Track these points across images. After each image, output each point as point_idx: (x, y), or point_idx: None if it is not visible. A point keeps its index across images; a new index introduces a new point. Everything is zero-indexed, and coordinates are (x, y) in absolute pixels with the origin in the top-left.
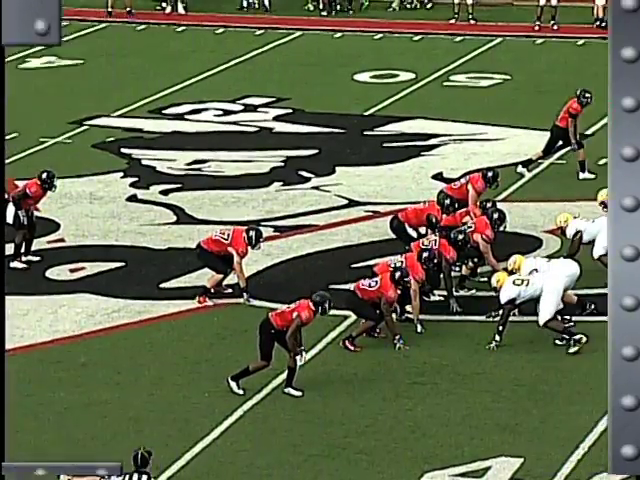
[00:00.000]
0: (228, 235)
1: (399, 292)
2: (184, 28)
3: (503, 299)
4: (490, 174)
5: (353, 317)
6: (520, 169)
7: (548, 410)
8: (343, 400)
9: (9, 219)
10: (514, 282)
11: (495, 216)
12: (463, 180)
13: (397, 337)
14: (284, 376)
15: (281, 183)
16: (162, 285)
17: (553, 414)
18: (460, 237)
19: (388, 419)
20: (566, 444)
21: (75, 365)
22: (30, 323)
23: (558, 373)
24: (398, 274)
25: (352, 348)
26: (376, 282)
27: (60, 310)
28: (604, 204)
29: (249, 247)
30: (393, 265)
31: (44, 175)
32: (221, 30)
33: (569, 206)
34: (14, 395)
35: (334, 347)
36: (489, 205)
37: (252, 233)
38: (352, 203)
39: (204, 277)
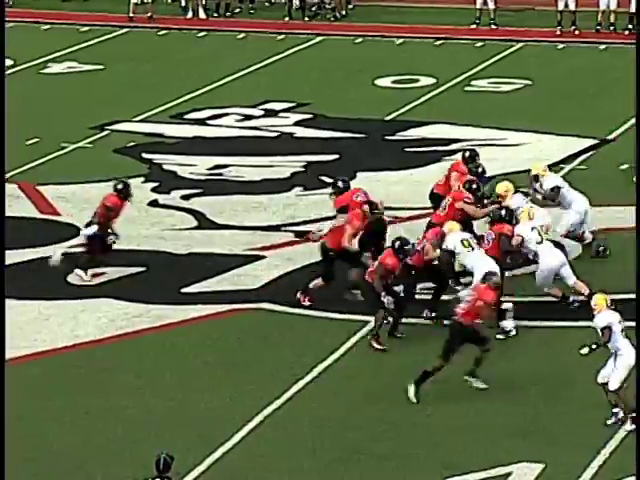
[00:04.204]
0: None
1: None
2: (205, 33)
3: (600, 324)
4: (467, 153)
5: (373, 322)
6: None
7: (569, 415)
8: (363, 406)
9: (87, 233)
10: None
11: (474, 186)
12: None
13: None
14: (304, 381)
15: (302, 188)
16: (183, 290)
17: (574, 419)
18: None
19: (408, 424)
20: (587, 450)
21: (96, 370)
22: (51, 328)
23: (580, 378)
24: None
25: (377, 346)
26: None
27: (81, 315)
28: (536, 177)
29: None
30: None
31: (120, 186)
32: (242, 35)
33: (593, 211)
34: (35, 399)
35: (354, 352)
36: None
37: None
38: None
39: (225, 282)
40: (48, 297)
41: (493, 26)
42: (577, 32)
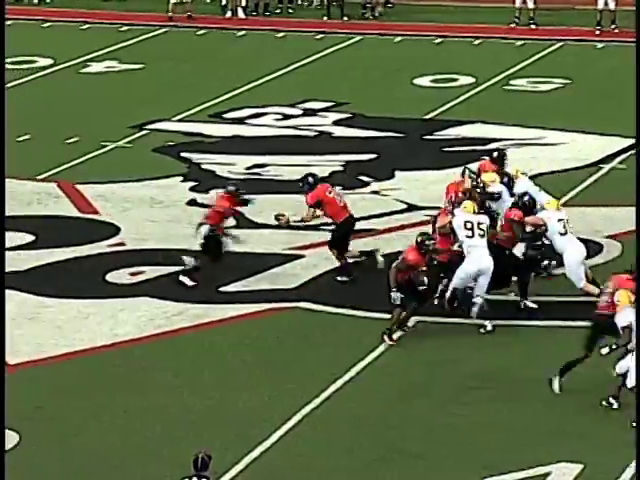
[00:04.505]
0: None
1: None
2: (244, 33)
3: (621, 322)
4: (496, 153)
5: (412, 322)
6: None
7: (608, 415)
8: (401, 405)
9: (202, 237)
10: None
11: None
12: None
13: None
14: (343, 381)
15: (340, 187)
16: (222, 289)
17: (613, 419)
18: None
19: (446, 424)
20: (627, 450)
21: (135, 368)
22: (91, 327)
23: (618, 378)
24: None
25: (389, 342)
26: None
27: (120, 314)
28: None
29: None
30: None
31: (231, 188)
32: (281, 35)
33: (630, 212)
34: (74, 399)
35: (393, 351)
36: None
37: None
38: (411, 207)
39: (263, 281)
40: (87, 296)
41: (532, 25)
42: (617, 31)
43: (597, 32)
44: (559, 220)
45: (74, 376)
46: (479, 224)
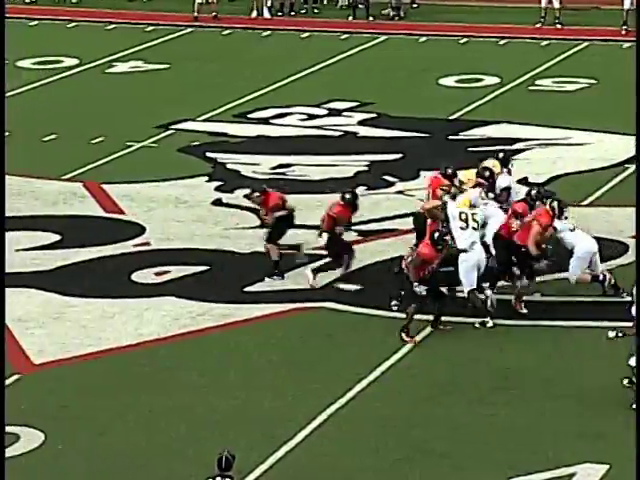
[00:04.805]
0: None
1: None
2: (269, 33)
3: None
4: (501, 155)
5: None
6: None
7: (634, 417)
8: (426, 404)
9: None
10: None
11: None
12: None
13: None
14: (368, 380)
15: (365, 187)
16: (247, 289)
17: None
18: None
19: (471, 424)
20: None
21: (160, 368)
22: (116, 326)
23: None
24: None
25: (408, 339)
26: None
27: (145, 313)
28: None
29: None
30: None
31: (347, 196)
32: (306, 35)
33: None
34: (99, 398)
35: (417, 351)
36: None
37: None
38: None
39: (288, 281)
40: (112, 295)
41: (558, 25)
42: None
43: (623, 32)
44: (565, 218)
45: (99, 376)
46: (473, 215)
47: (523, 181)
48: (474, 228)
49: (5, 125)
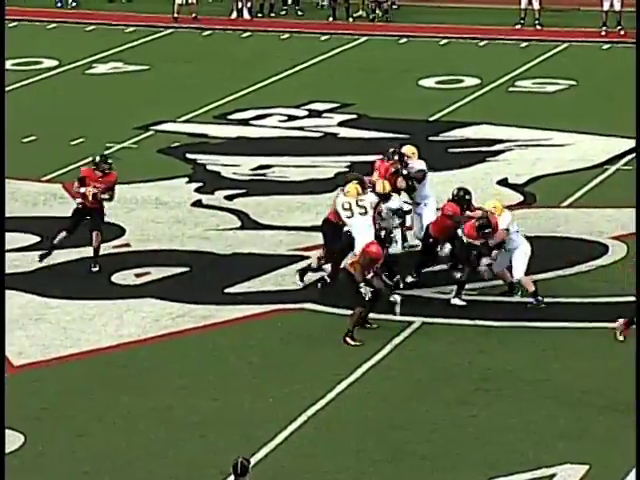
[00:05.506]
0: None
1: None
2: (249, 34)
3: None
4: (392, 150)
5: (418, 323)
6: None
7: (614, 417)
8: (406, 406)
9: (445, 251)
10: None
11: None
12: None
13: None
14: (348, 382)
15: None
16: (227, 290)
17: (619, 421)
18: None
19: (452, 425)
20: (632, 452)
21: (140, 369)
22: (96, 328)
23: (624, 380)
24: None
25: (352, 342)
26: None
27: (125, 315)
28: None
29: None
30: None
31: (461, 192)
32: (286, 36)
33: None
34: (79, 399)
35: (398, 353)
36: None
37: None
38: None
39: (268, 282)
40: (92, 297)
41: (538, 26)
42: (622, 32)
43: (603, 33)
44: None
45: (79, 377)
46: (358, 202)
47: (503, 182)
48: (361, 214)
49: None
